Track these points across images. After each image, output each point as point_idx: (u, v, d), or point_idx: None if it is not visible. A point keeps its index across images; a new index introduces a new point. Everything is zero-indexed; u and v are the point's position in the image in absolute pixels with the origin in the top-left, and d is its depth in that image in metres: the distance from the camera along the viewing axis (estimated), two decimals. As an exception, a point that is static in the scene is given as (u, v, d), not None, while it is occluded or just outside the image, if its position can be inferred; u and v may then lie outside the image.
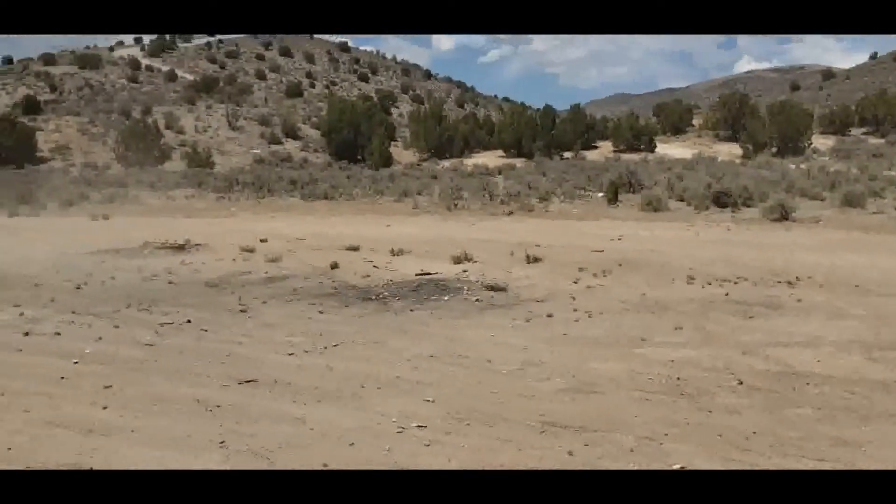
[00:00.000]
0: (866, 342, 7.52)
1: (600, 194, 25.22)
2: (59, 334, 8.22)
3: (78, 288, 10.88)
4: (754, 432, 5.13)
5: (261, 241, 14.97)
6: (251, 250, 13.74)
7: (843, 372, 6.57)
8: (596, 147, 51.97)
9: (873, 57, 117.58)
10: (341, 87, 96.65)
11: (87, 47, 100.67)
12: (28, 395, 6.16)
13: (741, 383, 6.25)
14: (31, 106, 58.54)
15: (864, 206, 20.26)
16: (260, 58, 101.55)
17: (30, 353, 7.48)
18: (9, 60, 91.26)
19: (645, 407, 5.75)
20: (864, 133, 52.70)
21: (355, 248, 13.91)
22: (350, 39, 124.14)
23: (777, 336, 7.85)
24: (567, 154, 47.64)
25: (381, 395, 6.11)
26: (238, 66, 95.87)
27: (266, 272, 11.93)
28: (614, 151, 48.60)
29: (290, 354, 7.40)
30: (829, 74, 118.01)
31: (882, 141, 46.79)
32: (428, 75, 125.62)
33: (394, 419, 5.47)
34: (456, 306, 9.74)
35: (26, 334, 8.21)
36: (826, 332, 7.99)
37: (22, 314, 9.21)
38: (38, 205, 26.51)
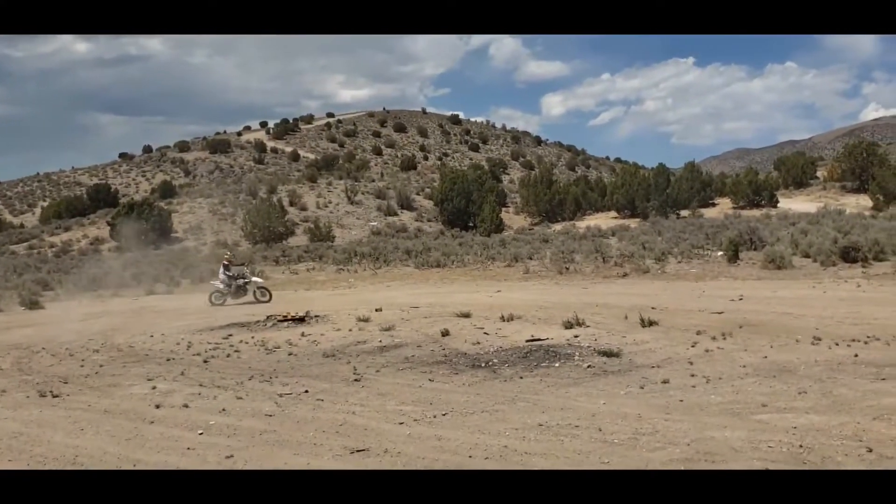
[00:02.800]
0: None
1: (719, 253, 24.41)
2: (187, 406, 8.74)
3: (206, 361, 11.55)
4: (885, 506, 4.79)
5: (376, 310, 15.41)
6: (367, 320, 14.16)
7: None
8: (714, 204, 50.59)
9: None
10: (453, 157, 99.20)
11: (218, 133, 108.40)
12: (158, 465, 6.57)
13: (871, 451, 5.86)
14: (167, 190, 63.41)
15: None
16: (376, 135, 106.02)
17: (160, 425, 7.99)
18: (148, 149, 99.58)
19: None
20: None
21: (466, 315, 14.07)
22: (462, 112, 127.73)
23: (914, 400, 7.32)
24: (683, 213, 46.57)
25: (489, 465, 6.12)
26: (356, 144, 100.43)
27: (380, 341, 12.26)
28: (734, 208, 47.10)
29: (400, 423, 7.55)
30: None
31: None
32: (538, 141, 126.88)
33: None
34: (567, 373, 9.65)
35: (158, 406, 8.77)
36: (972, 395, 7.38)
37: (154, 388, 9.86)
38: (172, 282, 28.38)
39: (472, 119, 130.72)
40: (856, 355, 9.45)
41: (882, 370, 8.63)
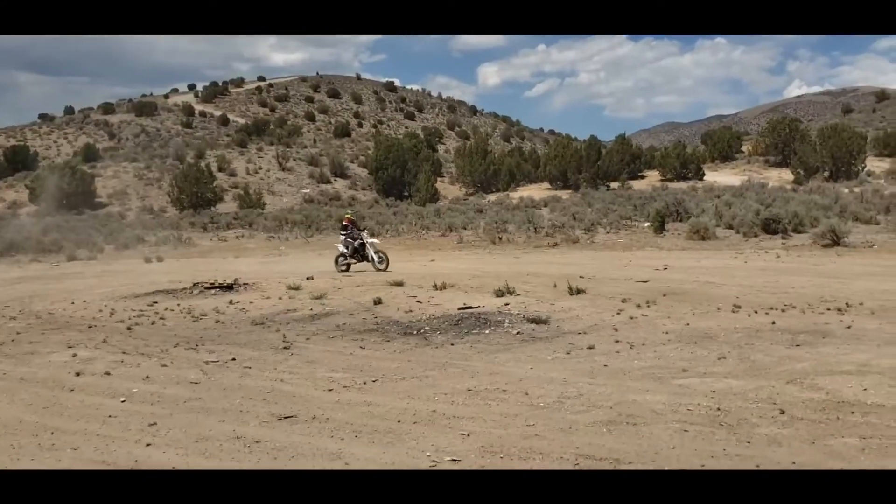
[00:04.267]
0: (920, 369, 7.28)
1: (646, 224, 25.00)
2: (108, 374, 8.48)
3: (129, 329, 11.22)
4: (794, 463, 5.01)
5: (307, 278, 15.23)
6: (297, 288, 13.99)
7: (893, 401, 6.36)
8: (643, 177, 51.64)
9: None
10: (388, 125, 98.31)
11: (144, 95, 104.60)
12: (77, 434, 6.37)
13: (783, 413, 6.11)
14: (90, 153, 60.99)
15: (921, 228, 19.69)
16: (309, 100, 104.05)
17: (80, 393, 7.74)
18: (70, 111, 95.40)
19: (684, 438, 5.66)
20: (923, 154, 51.22)
21: (399, 284, 14.04)
22: (397, 79, 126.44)
23: (824, 364, 7.66)
24: (613, 184, 47.41)
25: (418, 429, 6.15)
26: (288, 109, 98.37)
27: (311, 309, 12.13)
28: (662, 181, 48.17)
29: (329, 390, 7.51)
30: (882, 96, 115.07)
31: (942, 161, 45.42)
32: (474, 111, 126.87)
33: (428, 454, 5.50)
34: (497, 340, 9.75)
35: (78, 374, 8.49)
36: (876, 359, 7.75)
37: (75, 355, 9.54)
38: (95, 248, 27.45)
39: (408, 87, 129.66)
40: (773, 322, 9.82)
41: (797, 337, 9.00)
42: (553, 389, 7.22)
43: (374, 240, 19.20)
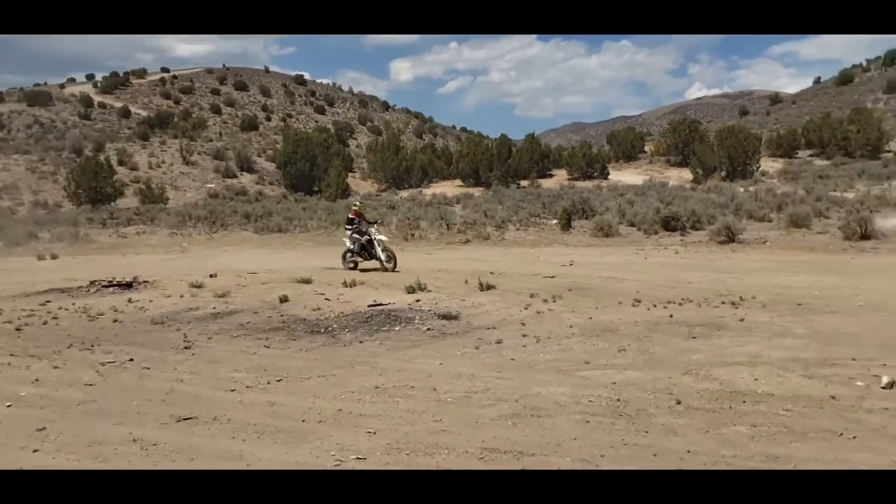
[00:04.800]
0: (804, 360, 7.70)
1: (554, 221, 25.52)
2: (-6, 377, 8.01)
3: (18, 330, 10.61)
4: (689, 451, 5.21)
5: (210, 276, 14.80)
6: (200, 286, 13.57)
7: (781, 390, 6.71)
8: (552, 175, 52.64)
9: (817, 82, 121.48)
10: (297, 119, 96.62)
11: (38, 84, 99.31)
12: (-42, 440, 5.98)
13: (680, 403, 6.36)
14: (-23, 145, 57.37)
15: (809, 226, 20.82)
16: (215, 92, 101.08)
17: (-37, 398, 7.27)
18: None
19: (585, 429, 5.80)
20: (811, 155, 54.26)
21: (308, 281, 13.82)
22: (307, 72, 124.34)
23: (718, 356, 8.01)
24: (524, 182, 48.13)
25: (323, 429, 6.07)
26: (193, 101, 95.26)
27: (214, 308, 11.79)
28: (569, 179, 49.24)
29: (232, 391, 7.31)
30: (776, 99, 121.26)
31: (827, 163, 48.23)
32: (386, 106, 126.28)
33: (333, 453, 5.44)
34: (407, 336, 9.74)
35: (-39, 378, 7.98)
36: (767, 350, 8.16)
37: (-42, 358, 8.96)
38: (-19, 245, 25.89)
39: (319, 81, 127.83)
40: (671, 316, 10.19)
41: (693, 329, 9.37)
42: (461, 384, 7.27)
43: (383, 236, 17.23)
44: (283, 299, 12.03)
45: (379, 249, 16.22)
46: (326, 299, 12.15)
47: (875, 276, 13.19)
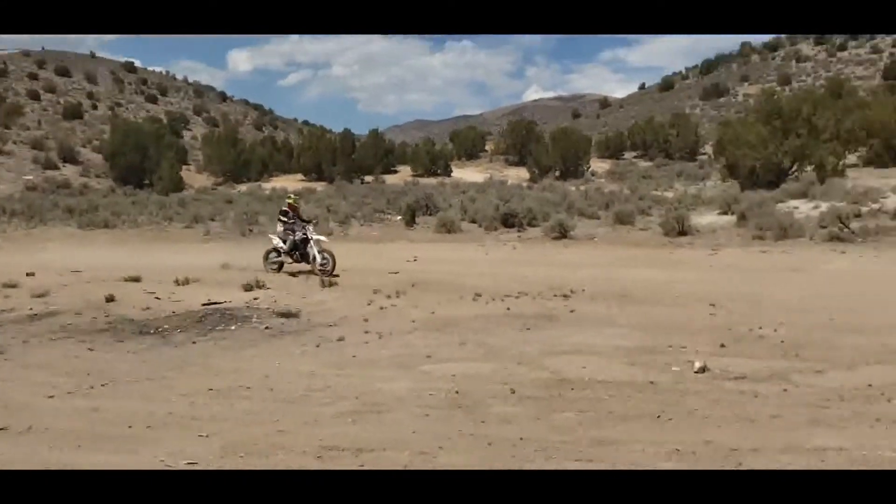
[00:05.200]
0: (628, 348, 8.21)
1: (398, 217, 25.67)
2: None
3: None
4: (521, 438, 5.41)
5: (27, 274, 13.63)
6: (14, 286, 12.45)
7: (605, 376, 7.11)
8: (396, 171, 52.99)
9: (642, 87, 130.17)
10: (127, 108, 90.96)
11: None
12: None
13: (514, 392, 6.58)
14: None
15: (633, 223, 22.23)
16: (33, 77, 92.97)
17: None
18: None
19: (424, 422, 5.86)
20: (635, 157, 58.17)
21: (136, 280, 13.06)
22: (138, 60, 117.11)
23: (550, 346, 8.37)
24: (368, 178, 48.10)
25: (151, 434, 5.74)
26: (6, 86, 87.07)
27: (30, 309, 10.84)
28: (413, 176, 49.80)
29: (50, 397, 6.76)
30: (605, 103, 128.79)
31: (650, 164, 51.90)
32: (223, 97, 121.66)
33: (161, 459, 5.15)
34: (243, 336, 9.43)
35: None
36: (594, 340, 8.63)
37: None
38: None
39: (151, 69, 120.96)
40: (508, 309, 10.54)
41: (528, 321, 9.74)
42: (300, 383, 7.13)
43: (321, 236, 15.48)
44: (110, 298, 11.28)
45: (315, 250, 14.54)
46: (157, 298, 11.55)
47: (690, 269, 14.30)
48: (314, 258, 14.42)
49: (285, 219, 15.15)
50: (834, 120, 35.04)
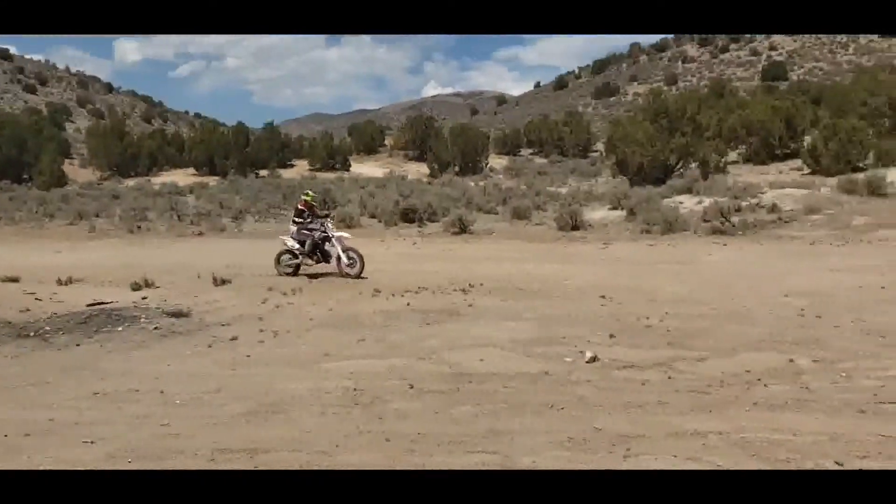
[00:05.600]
0: (524, 340, 8.39)
1: (295, 213, 25.25)
2: None
3: None
4: (420, 433, 5.44)
5: None
6: None
7: (503, 369, 7.25)
8: (292, 165, 52.04)
9: (537, 86, 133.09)
10: (2, 98, 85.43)
11: None
12: None
13: (413, 388, 6.61)
14: None
15: (529, 218, 22.73)
16: None
17: None
18: None
19: (321, 421, 5.81)
20: (532, 153, 59.40)
21: (14, 280, 12.32)
22: (13, 46, 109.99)
23: (450, 340, 8.45)
24: (263, 172, 47.02)
25: (31, 443, 5.43)
26: None
27: None
28: (311, 170, 49.05)
29: (-85, 408, 6.28)
30: (502, 100, 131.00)
31: (545, 160, 53.11)
32: (109, 88, 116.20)
33: (42, 467, 4.88)
34: (131, 337, 9.05)
35: None
36: (492, 333, 8.77)
37: None
38: None
39: (29, 57, 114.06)
40: (408, 304, 10.57)
41: (428, 316, 9.80)
42: (192, 385, 6.91)
43: (344, 233, 14.19)
44: (-17, 301, 10.59)
45: (339, 249, 13.33)
46: (37, 299, 10.93)
47: (583, 263, 14.75)
48: (338, 258, 13.27)
49: (300, 219, 13.76)
50: (716, 119, 36.99)
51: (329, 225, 13.65)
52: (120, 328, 9.38)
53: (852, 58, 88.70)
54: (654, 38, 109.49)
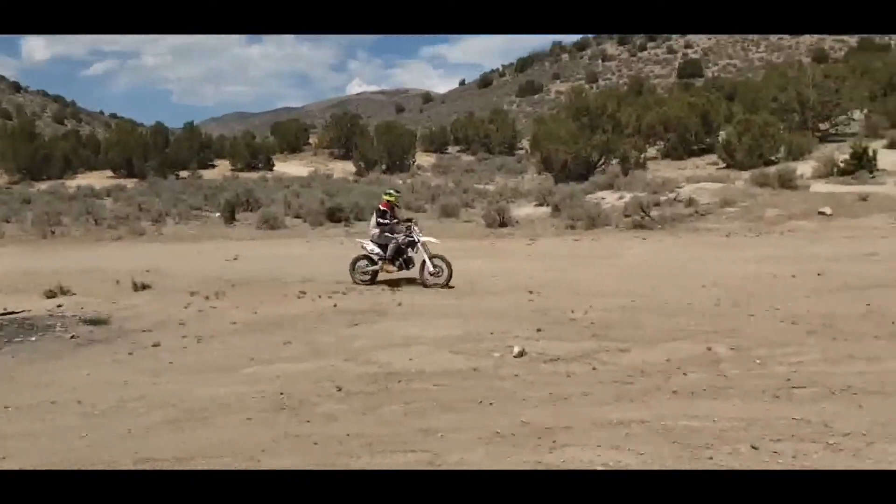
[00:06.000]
0: (453, 337, 8.43)
1: (217, 214, 24.72)
2: None
3: None
4: (348, 435, 5.42)
5: None
6: None
7: (432, 367, 7.28)
8: (214, 166, 50.89)
9: (462, 84, 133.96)
10: None
11: None
12: None
13: (340, 389, 6.57)
14: None
15: (458, 215, 22.87)
16: None
17: None
18: None
19: (247, 427, 5.71)
20: (459, 151, 59.72)
21: (-85, 290, 11.67)
22: None
23: (378, 340, 8.43)
24: (183, 173, 45.82)
25: (-64, 462, 5.16)
26: None
27: None
28: (233, 170, 48.05)
29: None
30: (428, 98, 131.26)
31: (472, 158, 53.46)
32: (17, 88, 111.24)
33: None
34: (46, 346, 8.71)
35: None
36: (421, 331, 8.78)
37: None
38: None
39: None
40: (335, 305, 10.49)
41: (356, 316, 9.74)
42: (112, 394, 6.70)
43: (432, 238, 12.85)
44: None
45: (425, 255, 12.20)
46: (-59, 311, 10.37)
47: (511, 259, 14.93)
48: (422, 264, 12.16)
49: (385, 220, 12.53)
50: (636, 116, 37.97)
51: (416, 230, 12.54)
52: (33, 338, 9.02)
53: (763, 55, 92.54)
54: (575, 37, 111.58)
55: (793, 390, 6.17)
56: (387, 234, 12.44)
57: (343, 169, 47.36)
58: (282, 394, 6.50)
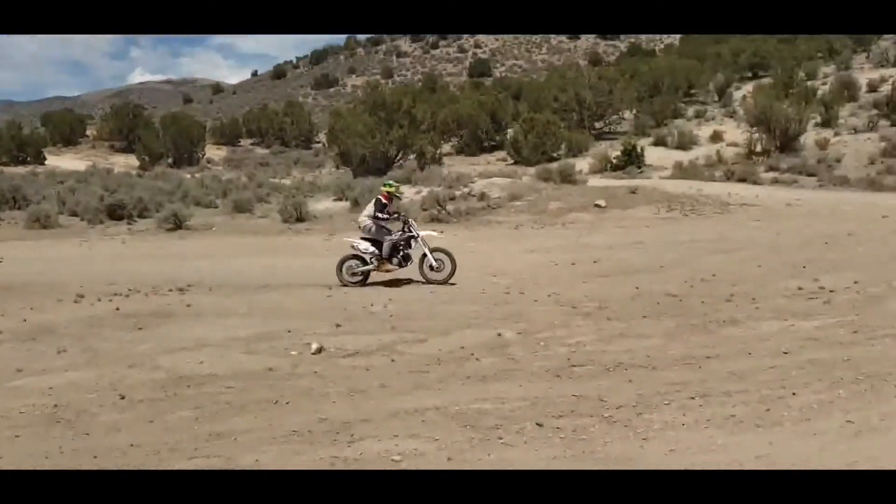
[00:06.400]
0: (246, 337, 8.15)
1: (-25, 213, 22.08)
2: None
3: None
4: (132, 445, 5.07)
5: None
6: None
7: (224, 369, 6.99)
8: (-30, 159, 45.46)
9: (255, 75, 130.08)
10: None
11: None
12: None
13: (124, 398, 6.12)
14: None
15: (252, 211, 22.15)
16: None
17: None
18: None
19: (14, 445, 5.15)
20: (252, 144, 57.98)
21: None
22: None
23: (166, 343, 7.95)
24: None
25: None
26: None
27: None
28: (-4, 164, 43.23)
29: None
30: (218, 89, 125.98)
31: (267, 151, 52.17)
32: None
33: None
34: None
35: None
36: (212, 332, 8.40)
37: None
38: None
39: None
40: (117, 309, 9.75)
41: (141, 320, 9.11)
42: None
43: (431, 231, 11.90)
44: None
45: (426, 249, 11.28)
46: None
47: (308, 255, 14.71)
48: (422, 258, 11.28)
49: (385, 214, 11.44)
50: (430, 112, 38.98)
51: (413, 224, 11.70)
52: None
53: (545, 56, 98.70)
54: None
55: (572, 368, 6.65)
56: (385, 228, 11.59)
57: (125, 163, 44.29)
58: (56, 406, 5.93)
